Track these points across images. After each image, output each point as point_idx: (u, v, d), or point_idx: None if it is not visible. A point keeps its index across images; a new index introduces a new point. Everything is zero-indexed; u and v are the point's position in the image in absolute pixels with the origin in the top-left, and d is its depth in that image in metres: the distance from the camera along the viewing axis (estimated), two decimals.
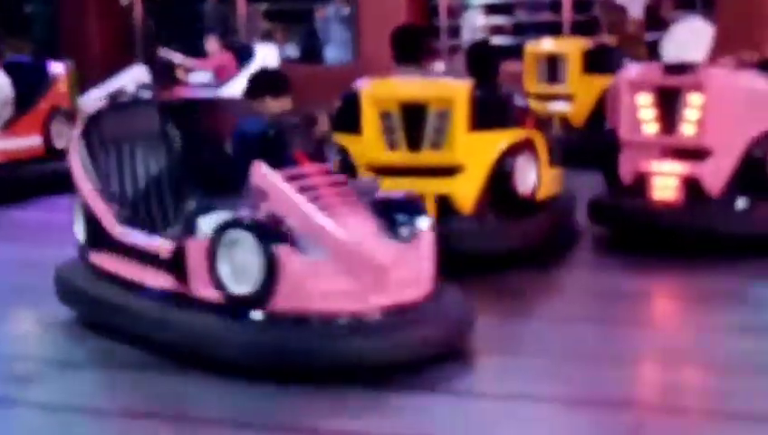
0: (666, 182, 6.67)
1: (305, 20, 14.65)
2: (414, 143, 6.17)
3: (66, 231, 5.27)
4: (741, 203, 6.45)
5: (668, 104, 6.65)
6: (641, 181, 6.70)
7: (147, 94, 11.01)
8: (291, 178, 4.41)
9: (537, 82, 10.74)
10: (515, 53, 11.99)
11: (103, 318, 4.76)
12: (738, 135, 6.53)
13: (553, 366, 4.36)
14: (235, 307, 4.21)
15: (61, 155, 8.14)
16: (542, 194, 6.49)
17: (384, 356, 4.25)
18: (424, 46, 6.76)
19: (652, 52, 11.25)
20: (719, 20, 12.30)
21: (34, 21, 16.79)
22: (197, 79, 11.55)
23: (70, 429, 3.87)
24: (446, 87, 6.43)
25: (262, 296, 4.26)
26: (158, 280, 4.51)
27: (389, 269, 4.30)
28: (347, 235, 4.26)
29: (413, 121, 6.20)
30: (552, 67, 10.72)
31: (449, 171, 6.03)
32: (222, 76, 11.04)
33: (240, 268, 4.31)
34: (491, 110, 6.32)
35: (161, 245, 4.53)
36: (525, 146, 6.34)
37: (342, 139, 6.13)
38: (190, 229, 4.40)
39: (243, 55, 11.23)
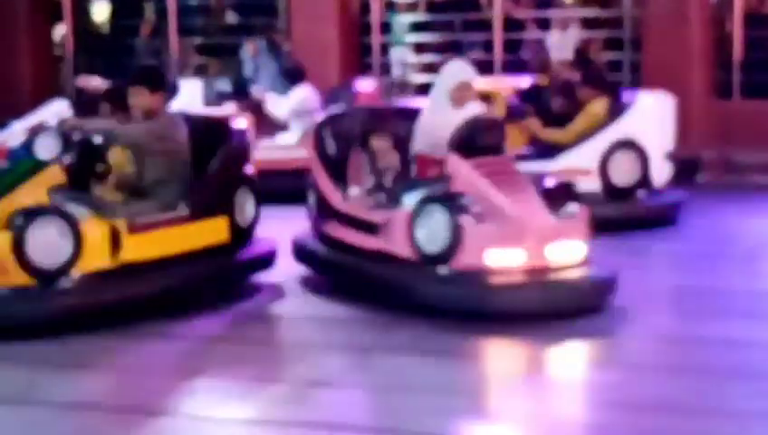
0: None
1: (237, 55, 14.75)
2: None
3: None
4: None
5: None
6: None
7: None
8: (478, 166, 5.84)
9: None
10: None
11: (327, 274, 6.37)
12: None
13: None
14: (427, 264, 5.59)
15: None
16: None
17: (535, 307, 5.60)
18: None
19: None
20: (646, 57, 13.34)
21: None
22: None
23: None
24: None
25: (447, 255, 5.59)
26: (371, 242, 5.89)
27: (549, 239, 5.68)
28: (518, 210, 5.66)
29: None
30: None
31: None
32: None
33: (432, 233, 5.64)
34: None
35: (375, 215, 5.96)
36: None
37: None
38: (397, 203, 5.83)
39: (173, 90, 11.15)
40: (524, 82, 11.02)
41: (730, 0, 13.41)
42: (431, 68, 13.98)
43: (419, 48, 14.77)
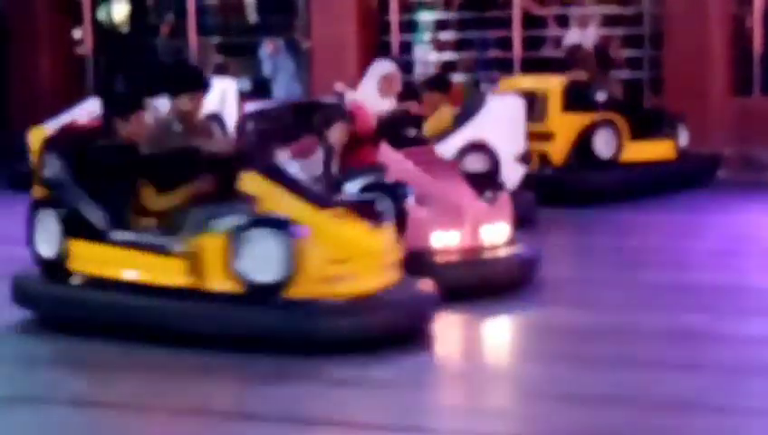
0: None
1: (256, 54, 14.82)
2: None
3: None
4: None
5: None
6: None
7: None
8: (408, 156, 6.35)
9: None
10: None
11: None
12: None
13: None
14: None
15: None
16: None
17: (474, 283, 6.08)
18: None
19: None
20: (666, 54, 13.27)
21: None
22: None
23: None
24: None
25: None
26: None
27: (482, 221, 6.30)
28: (454, 195, 6.24)
29: None
30: (531, 105, 10.72)
31: None
32: None
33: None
34: None
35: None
36: None
37: None
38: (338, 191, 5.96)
39: None
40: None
41: None
42: (451, 66, 14.12)
43: (439, 46, 14.75)
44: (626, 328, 5.87)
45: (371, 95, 8.16)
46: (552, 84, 10.86)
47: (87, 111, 12.42)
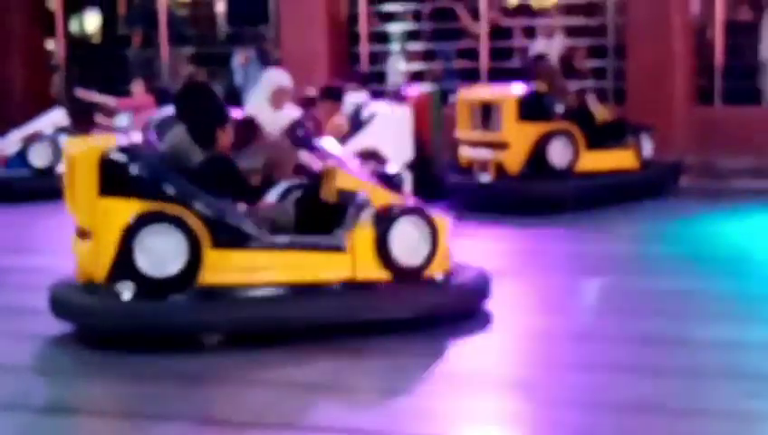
0: None
1: (228, 64, 14.78)
2: None
3: None
4: None
5: None
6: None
7: (64, 137, 11.53)
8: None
9: (470, 129, 10.89)
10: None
11: None
12: None
13: None
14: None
15: None
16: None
17: None
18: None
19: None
20: (629, 65, 13.36)
21: None
22: (118, 123, 11.81)
23: None
24: None
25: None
26: None
27: None
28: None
29: None
30: (487, 114, 10.88)
31: None
32: (141, 117, 11.06)
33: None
34: None
35: None
36: None
37: None
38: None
39: (164, 99, 11.31)
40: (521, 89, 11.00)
41: (711, 8, 13.46)
42: (419, 76, 14.20)
43: (409, 57, 14.74)
44: (586, 333, 5.90)
45: (264, 107, 7.91)
46: (508, 94, 10.82)
47: (52, 120, 12.66)
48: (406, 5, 14.98)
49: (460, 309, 6.22)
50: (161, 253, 5.43)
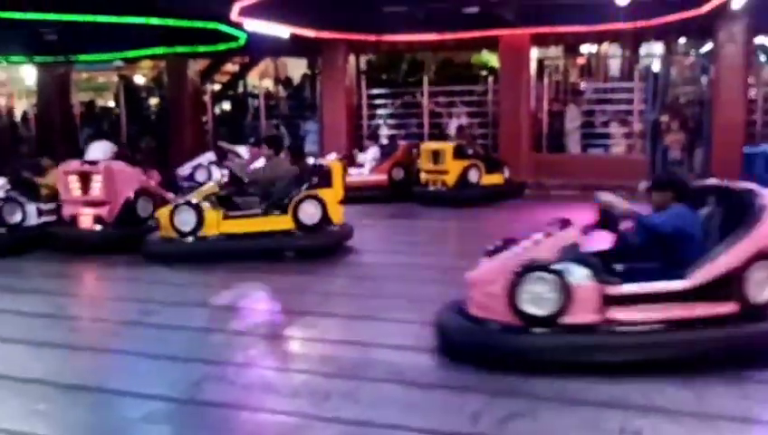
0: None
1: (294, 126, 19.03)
2: None
3: None
4: None
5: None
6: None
7: (213, 166, 15.40)
8: None
9: (429, 163, 14.79)
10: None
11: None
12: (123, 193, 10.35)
13: None
14: None
15: None
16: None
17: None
18: None
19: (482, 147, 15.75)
20: (501, 131, 17.08)
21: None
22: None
23: None
24: None
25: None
26: None
27: None
28: None
29: None
30: (437, 156, 14.66)
31: None
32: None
33: None
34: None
35: None
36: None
37: None
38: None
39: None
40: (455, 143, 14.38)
41: (540, 102, 17.59)
42: (395, 136, 17.72)
43: (389, 126, 18.66)
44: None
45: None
46: (447, 146, 14.56)
47: (206, 158, 16.34)
48: (386, 100, 18.93)
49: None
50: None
